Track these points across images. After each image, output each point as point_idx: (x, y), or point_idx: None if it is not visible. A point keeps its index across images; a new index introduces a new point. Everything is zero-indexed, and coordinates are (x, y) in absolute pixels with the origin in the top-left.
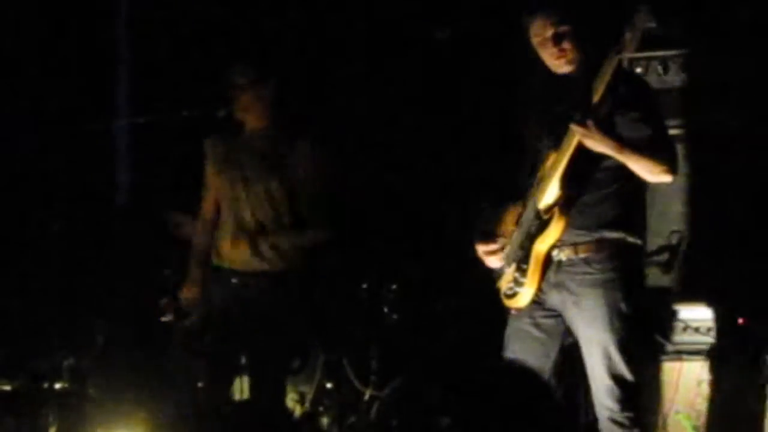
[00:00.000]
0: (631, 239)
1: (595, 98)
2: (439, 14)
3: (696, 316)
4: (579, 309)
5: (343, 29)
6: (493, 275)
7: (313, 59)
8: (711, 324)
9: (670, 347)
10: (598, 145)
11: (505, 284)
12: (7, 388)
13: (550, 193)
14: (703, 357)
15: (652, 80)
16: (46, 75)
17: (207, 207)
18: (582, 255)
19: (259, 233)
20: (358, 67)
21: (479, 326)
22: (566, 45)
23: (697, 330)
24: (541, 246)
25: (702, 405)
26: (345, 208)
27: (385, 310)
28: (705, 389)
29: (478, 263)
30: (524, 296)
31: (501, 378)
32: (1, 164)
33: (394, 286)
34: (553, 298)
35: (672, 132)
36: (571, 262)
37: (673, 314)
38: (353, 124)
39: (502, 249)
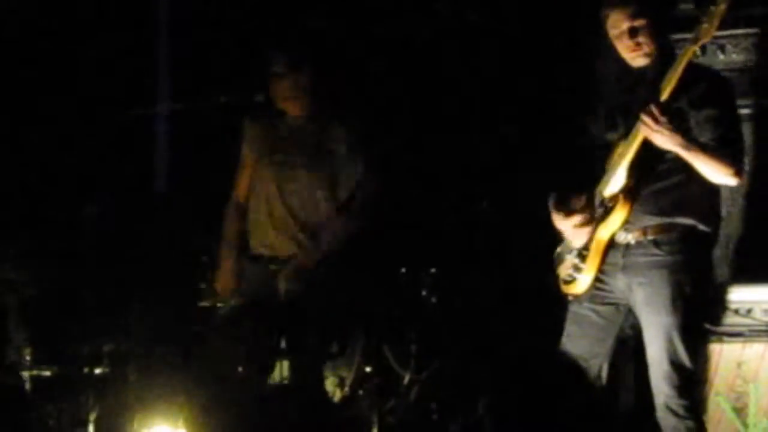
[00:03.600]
0: (702, 227)
1: (665, 94)
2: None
3: (735, 298)
4: (644, 291)
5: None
6: (554, 262)
7: (350, 47)
8: (750, 306)
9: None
10: (666, 142)
11: (564, 271)
12: (48, 373)
13: (617, 181)
14: (743, 339)
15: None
16: (87, 62)
17: (240, 189)
18: (651, 237)
19: (297, 219)
20: (394, 53)
21: (518, 310)
22: (642, 39)
23: (736, 312)
24: (603, 232)
25: (742, 387)
26: (384, 192)
27: (424, 293)
28: (745, 371)
29: (516, 245)
30: (582, 282)
31: (540, 362)
32: (40, 150)
33: (432, 270)
34: (619, 282)
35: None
36: (639, 244)
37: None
38: (393, 110)
39: (587, 222)
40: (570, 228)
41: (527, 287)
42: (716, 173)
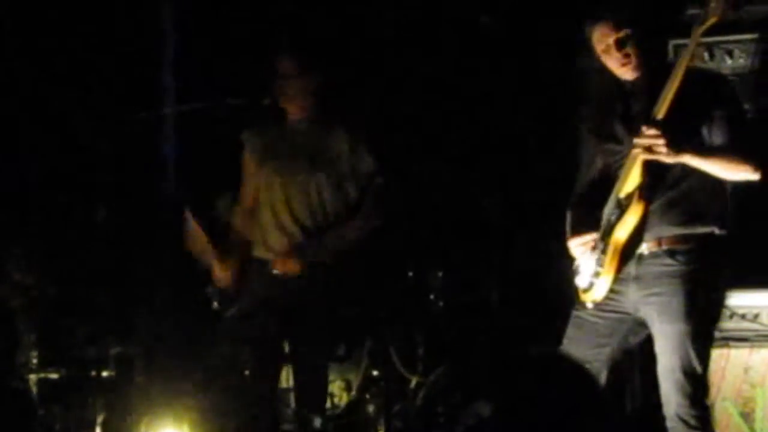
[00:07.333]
0: (719, 231)
1: (663, 108)
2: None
3: (742, 303)
4: (657, 300)
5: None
6: (572, 272)
7: (358, 49)
8: (758, 311)
9: (717, 334)
10: (673, 159)
11: (582, 279)
12: (55, 376)
13: (631, 180)
14: (750, 344)
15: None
16: (92, 64)
17: (245, 196)
18: (666, 247)
19: (302, 224)
20: (403, 54)
21: (524, 313)
22: (630, 49)
23: (743, 317)
24: (620, 233)
25: (749, 392)
26: (390, 195)
27: (431, 297)
28: (752, 376)
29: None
30: (600, 286)
31: (546, 366)
32: (46, 153)
33: (440, 273)
34: (631, 292)
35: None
36: (653, 254)
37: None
38: (399, 111)
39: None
40: (574, 248)
41: (534, 290)
42: (732, 173)
